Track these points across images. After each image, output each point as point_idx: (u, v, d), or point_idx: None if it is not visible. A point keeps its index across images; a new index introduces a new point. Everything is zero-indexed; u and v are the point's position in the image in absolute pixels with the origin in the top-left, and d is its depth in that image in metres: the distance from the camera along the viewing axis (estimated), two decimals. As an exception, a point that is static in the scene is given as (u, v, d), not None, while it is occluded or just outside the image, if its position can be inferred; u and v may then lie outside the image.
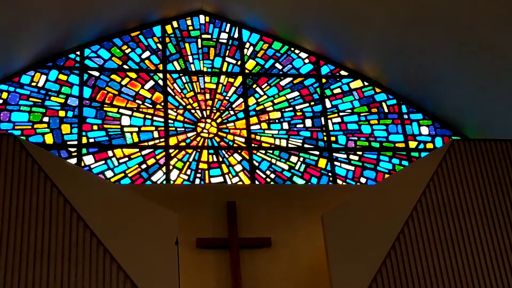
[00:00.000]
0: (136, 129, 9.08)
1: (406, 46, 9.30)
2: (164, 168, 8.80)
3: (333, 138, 9.45)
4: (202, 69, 9.73)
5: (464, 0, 8.23)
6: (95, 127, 8.96)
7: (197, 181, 8.77)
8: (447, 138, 9.75)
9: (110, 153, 8.82)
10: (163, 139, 9.04)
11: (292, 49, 10.11)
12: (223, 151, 9.09)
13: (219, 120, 9.36)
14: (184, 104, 9.41)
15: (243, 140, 9.24)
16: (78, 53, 9.46)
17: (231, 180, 8.86)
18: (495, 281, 6.97)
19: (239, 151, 9.14)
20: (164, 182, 8.66)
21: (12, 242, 6.35)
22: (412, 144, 9.62)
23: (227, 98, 9.55)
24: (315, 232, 7.68)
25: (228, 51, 9.94)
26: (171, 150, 8.97)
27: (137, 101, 9.29)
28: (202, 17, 10.14)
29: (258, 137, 9.30)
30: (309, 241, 7.91)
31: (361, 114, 9.76)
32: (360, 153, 9.41)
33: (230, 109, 9.47)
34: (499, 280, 6.98)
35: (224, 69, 9.78)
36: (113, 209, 6.76)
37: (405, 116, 9.86)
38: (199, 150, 9.05)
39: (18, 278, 6.23)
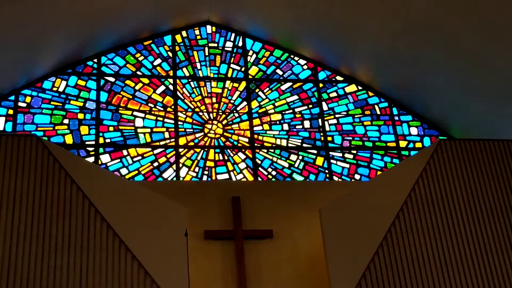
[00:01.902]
0: (148, 130, 9.09)
1: (397, 54, 9.30)
2: (174, 166, 8.81)
3: (329, 138, 9.46)
4: (209, 75, 9.73)
5: (451, 11, 8.24)
6: (111, 128, 8.98)
7: (205, 177, 8.78)
8: (434, 138, 9.74)
9: (124, 152, 8.83)
10: (173, 139, 9.05)
11: (292, 56, 10.11)
12: (228, 150, 9.10)
13: (224, 122, 9.37)
14: (192, 107, 9.42)
15: (246, 140, 9.25)
16: (95, 60, 9.47)
17: (235, 177, 8.86)
18: (479, 269, 6.97)
19: (243, 150, 9.14)
20: (174, 178, 8.67)
21: (35, 233, 6.38)
22: (403, 144, 9.62)
23: (232, 101, 9.56)
24: (313, 225, 7.66)
25: (233, 58, 9.95)
26: (180, 149, 8.97)
27: (149, 104, 9.30)
28: (209, 27, 10.15)
29: (260, 137, 9.31)
30: (308, 233, 7.89)
31: (355, 116, 9.75)
32: (354, 151, 9.41)
33: (234, 111, 9.48)
34: (482, 268, 6.98)
35: (229, 74, 9.79)
36: (127, 203, 6.77)
37: (396, 118, 9.85)
38: (206, 149, 9.06)
39: (40, 266, 6.25)
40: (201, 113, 9.38)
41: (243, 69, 9.86)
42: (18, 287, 6.12)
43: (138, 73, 9.53)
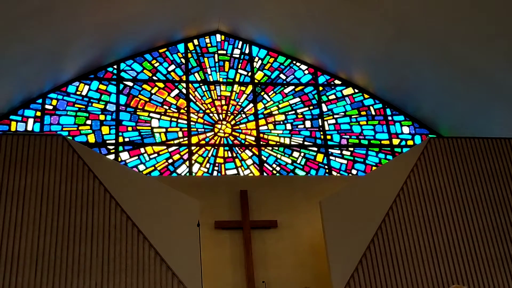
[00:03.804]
0: (163, 130, 9.09)
1: (390, 59, 9.27)
2: (187, 162, 8.80)
3: (328, 137, 9.43)
4: (219, 80, 9.73)
5: (440, 19, 8.20)
6: (129, 128, 8.98)
7: (215, 173, 8.77)
8: (424, 136, 9.70)
9: (142, 150, 8.83)
10: (186, 138, 9.05)
11: (294, 62, 10.09)
12: (236, 148, 9.09)
13: (233, 122, 9.35)
14: (203, 108, 9.41)
15: (253, 138, 9.24)
16: (115, 66, 9.48)
17: (243, 172, 8.85)
18: (465, 254, 6.97)
19: (250, 148, 9.13)
20: (187, 174, 8.68)
21: (61, 224, 6.40)
22: (395, 141, 9.59)
23: (239, 103, 9.55)
24: (314, 216, 7.67)
25: (240, 64, 9.93)
26: (193, 147, 8.98)
27: (164, 106, 9.30)
28: (218, 36, 10.14)
29: (266, 136, 9.29)
30: (309, 223, 7.90)
31: (352, 116, 9.73)
32: (351, 149, 9.39)
33: (242, 113, 9.46)
34: (468, 253, 6.98)
35: (237, 79, 9.78)
36: (145, 196, 6.78)
37: (389, 118, 9.82)
38: (216, 147, 9.05)
39: (66, 254, 6.27)
40: (211, 114, 9.38)
41: (249, 74, 9.85)
42: (45, 273, 6.14)
43: (154, 78, 9.53)
